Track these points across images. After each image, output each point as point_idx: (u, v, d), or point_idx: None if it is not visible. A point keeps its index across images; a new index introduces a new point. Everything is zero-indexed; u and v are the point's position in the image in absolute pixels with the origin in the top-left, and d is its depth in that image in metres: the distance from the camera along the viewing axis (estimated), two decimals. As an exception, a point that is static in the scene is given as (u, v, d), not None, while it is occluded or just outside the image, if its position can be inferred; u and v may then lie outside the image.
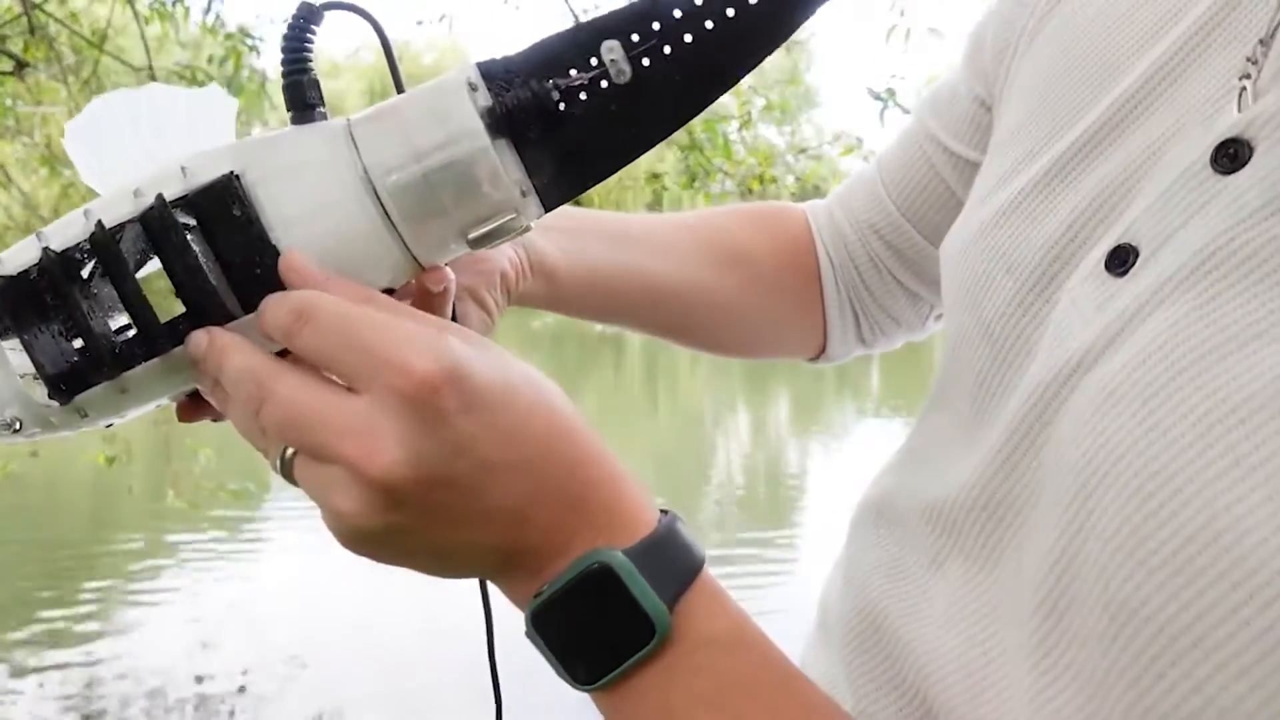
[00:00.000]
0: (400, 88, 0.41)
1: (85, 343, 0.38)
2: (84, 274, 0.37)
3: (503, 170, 0.38)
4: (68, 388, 0.38)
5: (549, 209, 0.40)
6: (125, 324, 0.39)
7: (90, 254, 0.37)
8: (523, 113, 0.37)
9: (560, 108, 0.38)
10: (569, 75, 0.38)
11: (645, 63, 0.38)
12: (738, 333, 0.71)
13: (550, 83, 0.38)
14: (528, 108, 0.37)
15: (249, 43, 3.86)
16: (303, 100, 0.39)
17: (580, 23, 0.39)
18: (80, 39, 3.92)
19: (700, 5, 0.37)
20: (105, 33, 3.87)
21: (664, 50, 0.37)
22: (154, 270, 0.39)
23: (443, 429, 0.34)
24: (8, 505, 5.32)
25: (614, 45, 0.37)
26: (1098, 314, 0.38)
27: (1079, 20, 0.49)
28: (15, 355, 0.38)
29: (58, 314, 0.37)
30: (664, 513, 0.39)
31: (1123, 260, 0.38)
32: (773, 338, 0.72)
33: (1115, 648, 0.32)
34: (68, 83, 3.94)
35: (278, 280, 0.37)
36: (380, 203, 0.38)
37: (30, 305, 0.37)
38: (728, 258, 0.68)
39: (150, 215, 0.37)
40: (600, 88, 0.38)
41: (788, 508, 6.08)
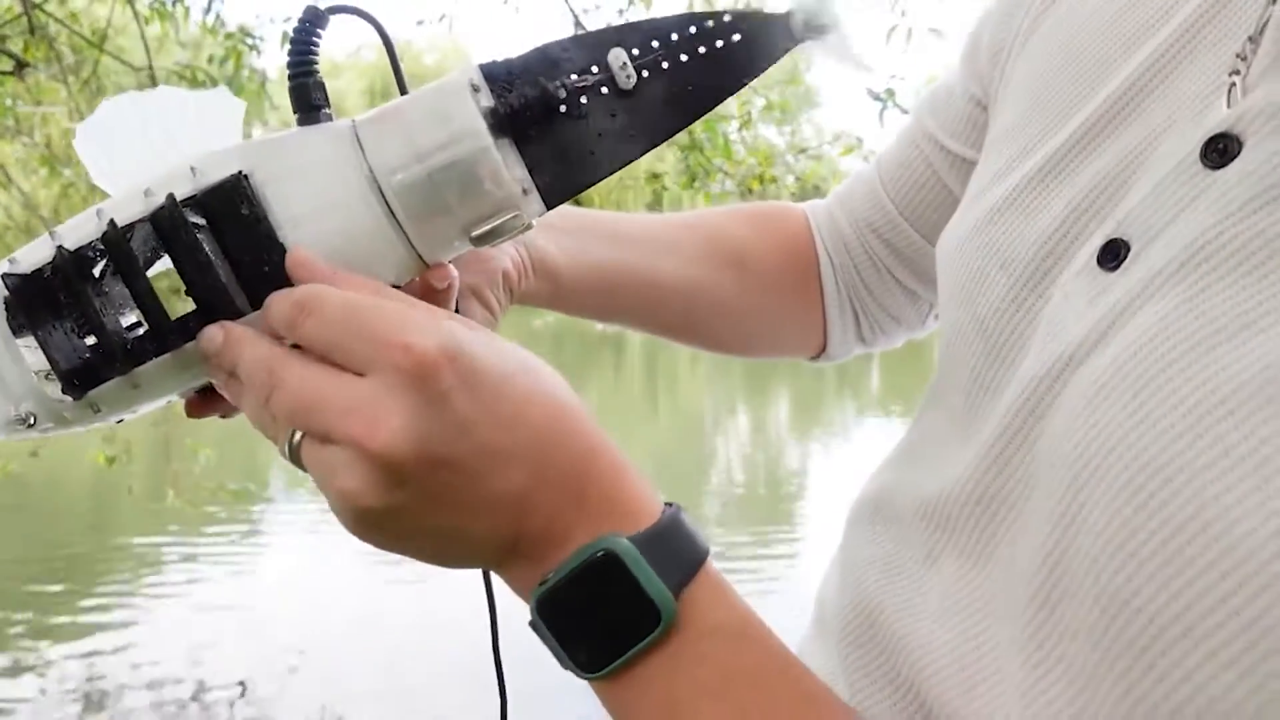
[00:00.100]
0: (404, 89, 0.42)
1: (98, 339, 0.39)
2: (96, 272, 0.38)
3: (504, 169, 0.38)
4: (81, 383, 0.39)
5: (550, 207, 0.40)
6: (137, 321, 0.40)
7: (102, 253, 0.38)
8: (525, 112, 0.38)
9: (563, 108, 0.39)
10: (572, 78, 0.39)
11: (646, 74, 0.39)
12: (738, 331, 0.71)
13: (556, 83, 0.39)
14: (530, 108, 0.38)
15: (249, 42, 3.86)
16: (309, 102, 0.40)
17: (578, 33, 0.41)
18: (80, 39, 3.92)
19: (695, 33, 0.40)
20: (105, 33, 3.87)
21: (663, 65, 0.40)
22: (162, 269, 0.40)
23: (444, 408, 0.35)
24: (8, 505, 5.32)
25: (621, 54, 0.39)
26: (1090, 308, 0.39)
27: (1073, 20, 0.50)
28: (30, 352, 0.39)
29: (71, 311, 0.38)
30: (668, 505, 0.39)
31: (1114, 255, 0.39)
32: (773, 336, 0.73)
33: (1106, 639, 0.32)
34: (68, 83, 3.94)
35: (285, 277, 0.38)
36: (385, 201, 0.39)
37: (44, 303, 0.38)
38: (728, 257, 0.68)
39: (161, 214, 0.38)
40: (603, 92, 0.39)
41: (788, 507, 6.08)
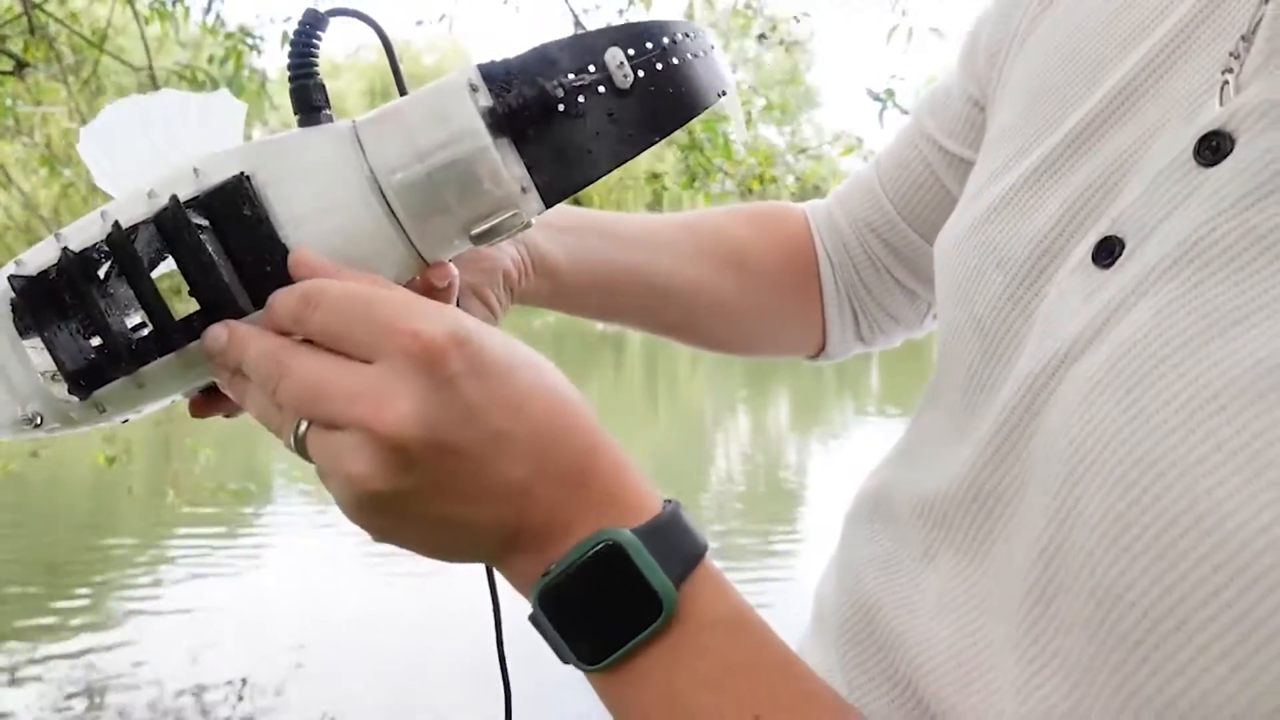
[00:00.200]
0: (403, 90, 0.42)
1: (103, 340, 0.39)
2: (101, 273, 0.39)
3: (503, 168, 0.39)
4: (87, 383, 0.39)
5: (549, 205, 0.41)
6: (141, 321, 0.40)
7: (107, 254, 0.39)
8: (523, 112, 0.39)
9: (561, 108, 0.39)
10: (570, 77, 0.39)
11: (642, 74, 0.40)
12: (738, 331, 0.72)
13: (554, 83, 0.39)
14: (528, 107, 0.39)
15: (249, 42, 3.86)
16: (309, 103, 0.40)
17: (575, 33, 0.41)
18: (80, 39, 3.92)
19: (683, 38, 0.41)
20: (105, 33, 3.87)
21: (657, 65, 0.40)
22: (166, 270, 0.40)
23: (452, 393, 0.35)
24: (8, 505, 5.33)
25: (618, 53, 0.39)
26: (1085, 305, 0.39)
27: (1069, 21, 0.50)
28: (36, 353, 0.39)
29: (76, 312, 0.39)
30: (668, 501, 0.40)
31: (1109, 252, 0.39)
32: (772, 336, 0.73)
33: (1101, 633, 0.32)
34: (68, 83, 3.94)
35: (287, 277, 0.39)
36: (386, 201, 0.39)
37: (50, 304, 0.39)
38: (728, 257, 0.68)
39: (165, 216, 0.38)
40: (600, 91, 0.39)
41: (788, 507, 6.08)
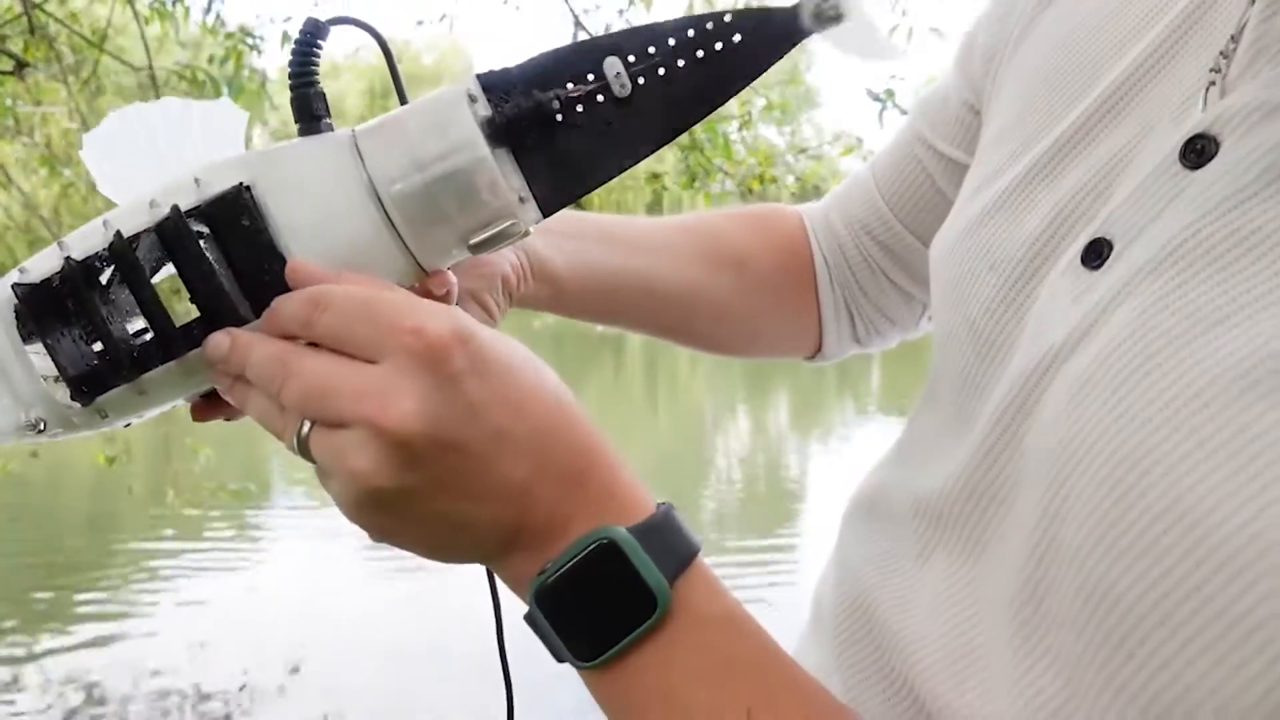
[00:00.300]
0: (403, 99, 0.43)
1: (105, 346, 0.39)
2: (103, 281, 0.39)
3: (501, 178, 0.39)
4: (89, 389, 0.40)
5: (547, 215, 0.41)
6: (142, 328, 0.41)
7: (109, 262, 0.39)
8: (521, 122, 0.39)
9: (559, 118, 0.39)
10: (568, 87, 0.39)
11: (642, 80, 0.40)
12: (735, 333, 0.72)
13: (550, 93, 0.39)
14: (526, 117, 0.39)
15: (249, 42, 3.86)
16: (310, 112, 0.41)
17: (577, 41, 0.41)
18: (80, 39, 3.92)
19: (693, 36, 0.40)
20: (105, 33, 3.87)
21: (659, 71, 0.40)
22: (166, 276, 0.41)
23: (456, 390, 0.36)
24: (8, 505, 5.33)
25: (615, 62, 0.39)
26: (1074, 306, 0.39)
27: (1064, 24, 0.51)
28: (39, 359, 0.40)
29: (79, 319, 0.39)
30: (661, 503, 0.40)
31: (1098, 254, 0.40)
32: (769, 337, 0.73)
33: (1089, 629, 0.33)
34: (68, 83, 3.94)
35: (286, 285, 0.39)
36: (384, 211, 0.39)
37: (53, 311, 0.39)
38: (725, 259, 0.69)
39: (166, 225, 0.39)
40: (598, 100, 0.40)
41: (788, 508, 6.09)
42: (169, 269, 0.40)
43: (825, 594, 0.53)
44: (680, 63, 0.40)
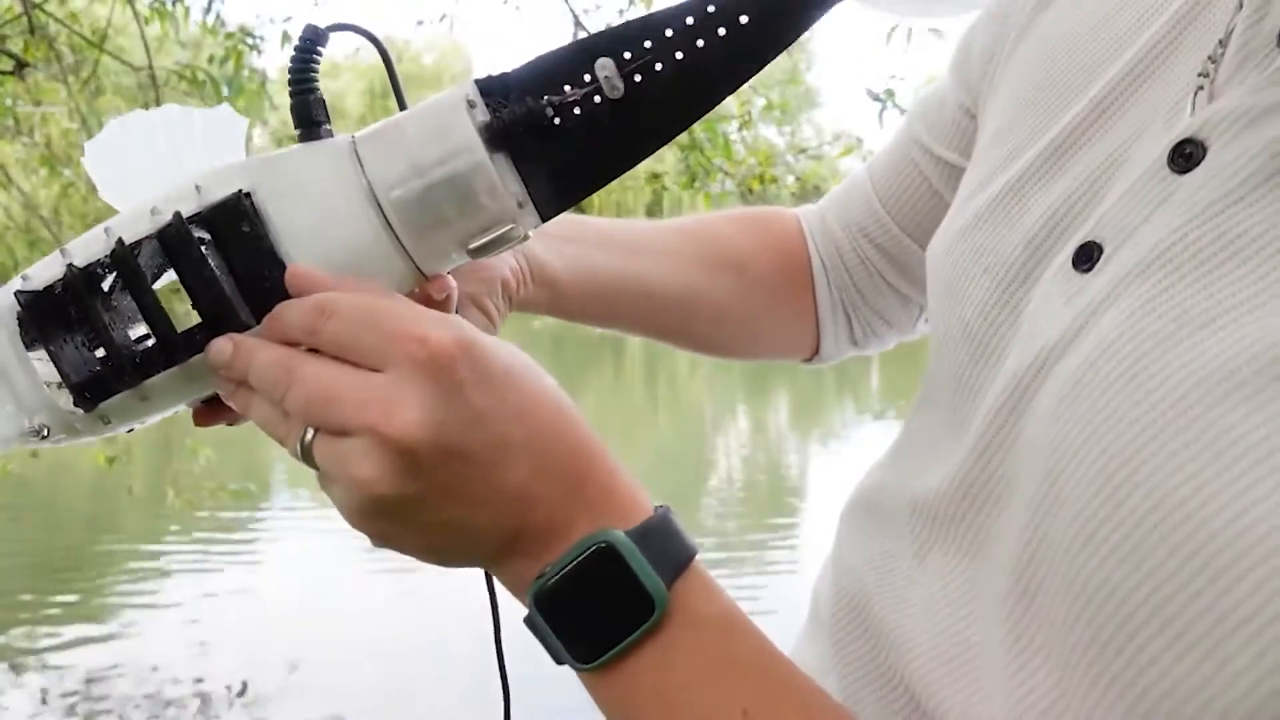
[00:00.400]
0: (402, 104, 0.43)
1: (107, 353, 0.40)
2: (105, 287, 0.39)
3: (500, 183, 0.39)
4: (92, 395, 0.40)
5: (546, 219, 0.41)
6: (144, 334, 0.41)
7: (111, 269, 0.39)
8: (519, 128, 0.39)
9: (555, 122, 0.39)
10: (563, 91, 0.39)
11: (638, 79, 0.39)
12: (733, 335, 0.72)
13: (545, 99, 0.39)
14: (524, 123, 0.39)
15: (249, 42, 3.85)
16: (309, 118, 0.41)
17: (577, 39, 0.40)
18: (80, 39, 3.92)
19: (692, 24, 0.38)
20: (105, 33, 3.87)
21: (656, 67, 0.39)
22: (167, 282, 0.41)
23: (460, 398, 0.36)
24: (8, 505, 5.33)
25: (607, 63, 0.39)
26: (1065, 309, 0.40)
27: (1059, 28, 0.51)
28: (42, 365, 0.40)
29: (81, 326, 0.40)
30: (659, 507, 0.41)
31: (1088, 257, 0.40)
32: (767, 339, 0.74)
33: (1078, 627, 0.34)
34: (68, 83, 3.94)
35: (287, 291, 0.39)
36: (384, 216, 0.40)
37: (56, 318, 0.39)
38: (723, 262, 0.69)
39: (168, 232, 0.39)
40: (593, 103, 0.39)
41: (788, 508, 6.09)
42: (169, 275, 0.40)
43: (823, 593, 0.53)
44: (679, 55, 0.38)
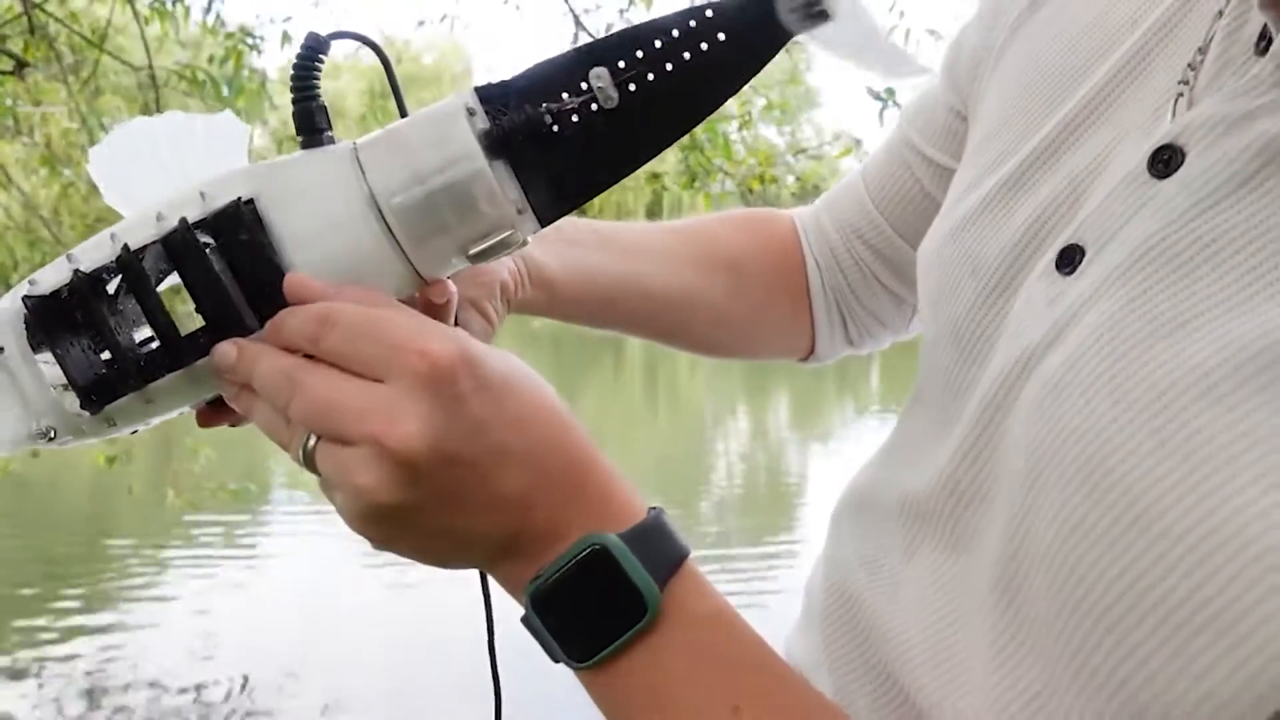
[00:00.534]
0: (403, 111, 0.44)
1: (113, 356, 0.40)
2: (111, 292, 0.40)
3: (500, 190, 0.40)
4: (98, 398, 0.41)
5: (545, 225, 0.42)
6: (149, 337, 0.42)
7: (116, 274, 0.40)
8: (518, 135, 0.40)
9: (553, 130, 0.40)
10: (561, 99, 0.40)
11: (631, 88, 0.40)
12: (729, 335, 0.73)
13: (543, 107, 0.40)
14: (523, 130, 0.40)
15: (249, 42, 3.86)
16: (311, 125, 0.41)
17: (577, 45, 0.41)
18: (80, 39, 3.92)
19: (676, 37, 0.40)
20: (105, 32, 3.87)
21: (648, 76, 0.40)
22: (170, 285, 0.42)
23: (460, 409, 0.37)
24: (8, 505, 5.34)
25: (602, 72, 0.40)
26: (1048, 310, 0.41)
27: (1047, 32, 0.52)
28: (48, 368, 0.41)
29: (87, 330, 0.40)
30: (653, 508, 0.41)
31: (1070, 260, 0.41)
32: (763, 340, 0.74)
33: (1059, 622, 0.35)
34: (68, 83, 3.94)
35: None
36: (385, 222, 0.40)
37: (62, 322, 0.40)
38: (719, 263, 0.70)
39: (174, 238, 0.40)
40: (590, 111, 0.40)
41: (787, 508, 6.09)
42: (173, 279, 0.41)
43: (815, 589, 0.54)
44: (668, 66, 0.40)
